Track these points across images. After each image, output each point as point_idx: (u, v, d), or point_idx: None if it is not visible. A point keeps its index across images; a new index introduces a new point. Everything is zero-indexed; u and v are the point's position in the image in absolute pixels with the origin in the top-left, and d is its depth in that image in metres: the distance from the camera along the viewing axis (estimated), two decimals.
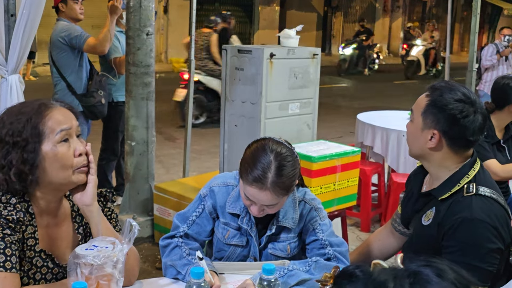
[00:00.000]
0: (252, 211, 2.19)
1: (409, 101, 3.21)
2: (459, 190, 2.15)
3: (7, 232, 1.76)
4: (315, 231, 2.31)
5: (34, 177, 1.80)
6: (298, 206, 2.31)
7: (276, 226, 2.28)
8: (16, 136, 1.78)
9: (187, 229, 2.33)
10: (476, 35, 5.17)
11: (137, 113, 4.75)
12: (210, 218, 2.35)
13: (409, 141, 2.29)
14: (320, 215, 2.34)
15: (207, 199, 2.34)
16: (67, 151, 1.83)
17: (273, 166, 2.08)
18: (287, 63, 4.36)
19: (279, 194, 2.10)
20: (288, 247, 2.32)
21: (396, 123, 5.49)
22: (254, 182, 2.09)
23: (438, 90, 2.18)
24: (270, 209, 2.17)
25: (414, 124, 2.22)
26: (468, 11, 30.25)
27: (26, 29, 2.96)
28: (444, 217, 2.12)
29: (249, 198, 2.14)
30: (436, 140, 2.15)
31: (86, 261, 1.73)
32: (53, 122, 1.82)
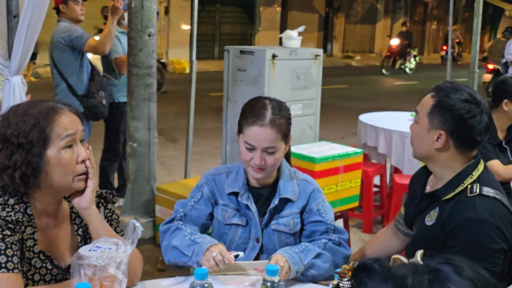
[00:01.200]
0: (254, 162, 2.27)
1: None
2: (463, 190, 2.15)
3: (6, 233, 1.75)
4: (320, 212, 2.38)
5: (37, 181, 1.80)
6: (299, 184, 2.41)
7: (279, 198, 2.35)
8: (22, 137, 1.78)
9: (188, 211, 2.42)
10: (478, 36, 5.17)
11: (138, 114, 4.74)
12: (208, 203, 2.43)
13: (414, 142, 2.28)
14: (323, 198, 2.43)
15: (204, 186, 2.45)
16: (70, 157, 1.83)
17: (269, 106, 2.27)
18: (289, 64, 4.36)
19: (277, 132, 2.25)
20: (291, 222, 2.37)
21: (399, 124, 5.49)
22: (254, 122, 2.24)
23: (443, 90, 2.17)
24: (270, 157, 2.27)
25: (420, 125, 2.21)
26: (470, 12, 30.24)
27: (29, 30, 2.95)
28: (447, 217, 2.12)
29: (250, 143, 2.25)
30: (443, 141, 2.15)
31: (90, 262, 1.73)
32: (60, 127, 1.82)
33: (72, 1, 4.98)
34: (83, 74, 5.06)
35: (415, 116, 2.26)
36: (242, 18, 22.86)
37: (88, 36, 4.92)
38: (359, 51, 27.44)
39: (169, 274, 4.28)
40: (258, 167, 2.28)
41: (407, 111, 6.67)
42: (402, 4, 28.74)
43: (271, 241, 2.38)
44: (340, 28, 26.44)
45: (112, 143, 5.61)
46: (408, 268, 1.10)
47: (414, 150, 2.30)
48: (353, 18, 27.23)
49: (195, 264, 2.23)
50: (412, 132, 2.28)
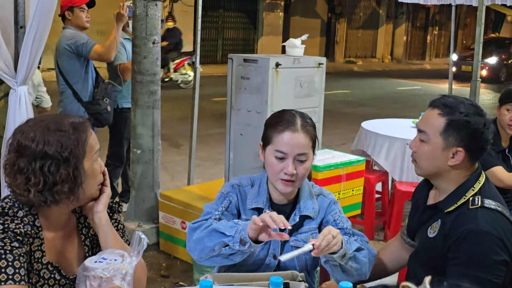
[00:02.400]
0: (285, 171, 2.22)
1: None
2: (465, 202, 2.17)
3: (15, 245, 1.77)
4: (336, 222, 2.35)
5: (77, 194, 1.85)
6: (317, 199, 2.39)
7: (299, 215, 2.33)
8: (67, 152, 1.80)
9: (221, 214, 2.32)
10: (480, 45, 5.16)
11: (143, 121, 4.76)
12: (236, 211, 2.37)
13: (422, 161, 2.25)
14: (339, 209, 2.41)
15: (231, 194, 2.38)
16: (98, 168, 1.92)
17: (297, 114, 2.29)
18: (293, 72, 4.37)
19: (309, 138, 2.25)
20: (310, 238, 2.31)
21: (400, 132, 5.50)
22: (286, 128, 2.24)
23: (450, 107, 2.17)
24: (301, 167, 2.24)
25: (431, 144, 2.19)
26: (471, 18, 30.26)
27: (35, 41, 2.97)
28: (450, 229, 2.13)
29: (282, 151, 2.23)
30: (461, 157, 2.16)
31: (96, 273, 1.74)
32: (92, 141, 1.89)
33: (78, 8, 5.01)
34: (88, 81, 5.08)
35: (421, 135, 2.23)
36: (245, 23, 22.89)
37: (94, 43, 4.94)
38: (361, 56, 27.45)
39: (173, 280, 4.30)
40: (289, 178, 2.24)
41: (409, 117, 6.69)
42: (404, 9, 28.75)
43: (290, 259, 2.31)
44: (342, 33, 26.45)
45: (115, 149, 5.63)
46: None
47: (420, 168, 2.27)
48: (355, 24, 27.25)
49: (237, 243, 2.11)
50: (419, 152, 2.24)
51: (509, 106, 3.75)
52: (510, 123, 3.74)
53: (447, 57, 25.68)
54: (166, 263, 4.59)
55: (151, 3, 4.59)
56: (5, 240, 1.76)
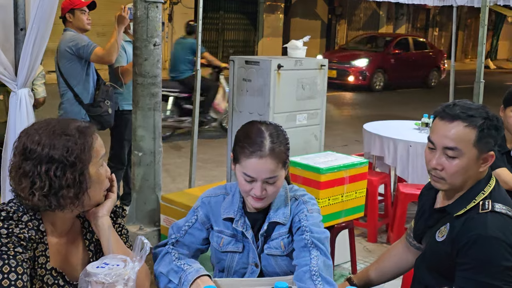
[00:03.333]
0: (254, 193, 2.18)
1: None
2: (475, 206, 2.14)
3: (18, 250, 1.75)
4: (300, 221, 2.27)
5: (82, 199, 1.83)
6: (290, 203, 2.32)
7: (268, 223, 2.28)
8: (73, 156, 1.79)
9: (180, 237, 2.36)
10: (484, 46, 5.14)
11: (144, 123, 4.74)
12: (203, 227, 2.36)
13: (454, 177, 2.15)
14: (308, 207, 2.30)
15: (199, 209, 2.38)
16: (104, 174, 1.91)
17: (266, 135, 2.16)
18: (295, 74, 4.36)
19: (278, 161, 2.15)
20: (281, 244, 2.29)
21: (404, 133, 5.50)
22: (253, 153, 2.13)
23: (471, 116, 2.11)
24: (271, 186, 2.18)
25: (465, 158, 2.12)
26: (472, 19, 30.27)
27: (35, 43, 2.95)
28: (458, 234, 2.11)
29: (250, 175, 2.15)
30: (491, 160, 2.15)
31: (98, 279, 1.71)
32: (98, 145, 1.88)
33: (79, 10, 4.99)
34: (89, 83, 5.06)
35: (450, 152, 2.13)
36: (245, 25, 22.88)
37: (95, 46, 4.92)
38: None
39: None
40: (258, 198, 2.20)
41: (411, 118, 6.68)
42: (405, 10, 28.74)
43: (270, 265, 2.31)
44: (343, 34, 26.44)
45: (117, 151, 5.61)
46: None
47: (450, 183, 2.18)
48: (355, 25, 27.23)
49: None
50: (450, 169, 2.14)
51: None
52: None
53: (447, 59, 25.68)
54: None
55: (152, 5, 4.57)
56: (9, 245, 1.74)
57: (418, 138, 5.39)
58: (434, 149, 2.18)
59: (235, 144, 2.24)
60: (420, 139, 5.31)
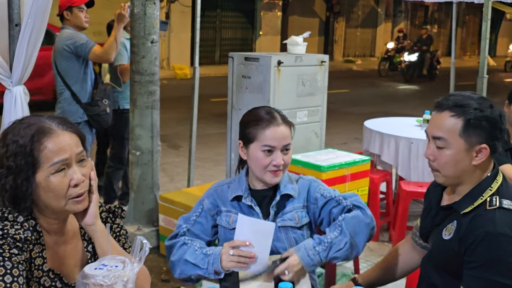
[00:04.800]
0: (275, 163, 2.33)
1: None
2: (482, 203, 2.09)
3: (14, 252, 1.70)
4: (324, 195, 2.44)
5: (28, 203, 1.75)
6: (296, 182, 2.48)
7: (280, 195, 2.41)
8: (11, 160, 1.72)
9: (190, 226, 2.47)
10: (487, 41, 5.10)
11: (141, 122, 4.69)
12: (209, 216, 2.48)
13: (445, 168, 2.14)
14: (320, 184, 2.50)
15: (205, 199, 2.50)
16: (60, 182, 1.75)
17: (272, 110, 2.42)
18: (295, 71, 4.31)
19: (290, 128, 2.40)
20: (296, 216, 2.42)
21: (405, 130, 5.45)
22: (270, 123, 2.34)
23: (461, 106, 2.09)
24: (286, 156, 2.37)
25: (453, 149, 2.10)
26: (470, 16, 30.26)
27: (31, 39, 2.89)
28: (466, 232, 2.06)
29: (270, 144, 2.33)
30: (486, 154, 2.09)
31: (96, 281, 1.66)
32: (50, 151, 1.74)
33: (77, 8, 4.93)
34: (87, 82, 5.01)
35: (438, 142, 2.13)
36: (243, 23, 22.85)
37: (93, 44, 4.86)
38: (360, 55, 27.44)
39: (173, 284, 4.23)
40: (277, 169, 2.35)
41: (410, 115, 6.64)
42: (403, 8, 28.73)
43: (279, 239, 2.39)
44: (341, 32, 26.43)
45: (117, 150, 5.57)
46: None
47: (444, 176, 2.16)
48: (353, 22, 27.23)
49: (212, 274, 2.28)
50: (441, 160, 2.13)
51: None
52: None
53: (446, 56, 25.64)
54: (167, 267, 4.51)
55: (149, 2, 4.52)
56: (4, 247, 1.69)
57: (419, 135, 5.34)
58: (429, 140, 2.19)
59: (245, 128, 2.40)
60: (422, 136, 5.25)
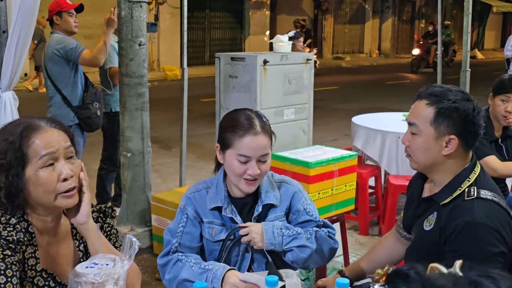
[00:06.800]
0: (249, 173, 2.24)
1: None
2: (461, 194, 2.14)
3: (7, 253, 1.74)
4: (307, 211, 2.40)
5: (20, 200, 1.79)
6: (280, 188, 2.42)
7: (262, 205, 2.35)
8: (2, 158, 1.76)
9: (178, 241, 2.39)
10: (468, 35, 5.17)
11: (132, 124, 4.73)
12: (196, 223, 2.40)
13: (416, 154, 2.22)
14: (306, 197, 2.45)
15: (187, 207, 2.41)
16: (49, 176, 1.78)
17: (254, 116, 2.28)
18: (281, 69, 4.36)
19: (268, 138, 2.27)
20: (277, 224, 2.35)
21: (391, 125, 5.50)
22: (247, 131, 2.23)
23: (437, 96, 2.15)
24: (263, 165, 2.27)
25: (423, 136, 2.17)
26: (457, 10, 30.36)
27: (18, 45, 2.92)
28: (445, 222, 2.11)
29: (245, 154, 2.23)
30: (454, 145, 2.14)
31: (87, 279, 1.70)
32: (37, 146, 1.78)
33: (66, 13, 4.96)
34: (77, 86, 5.04)
35: (412, 128, 2.21)
36: (232, 23, 22.86)
37: (83, 48, 4.89)
38: (348, 52, 27.49)
39: None
40: (252, 178, 2.27)
41: (399, 110, 6.68)
42: (390, 3, 28.80)
43: (261, 249, 2.36)
44: (329, 29, 26.47)
45: (109, 153, 5.59)
46: (447, 278, 1.08)
47: (416, 162, 2.24)
48: (341, 19, 27.28)
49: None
50: (413, 146, 2.22)
51: (503, 96, 3.72)
52: (504, 114, 3.71)
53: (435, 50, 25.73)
54: None
55: (136, 5, 4.56)
56: None
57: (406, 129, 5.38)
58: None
59: (222, 132, 2.30)
60: None
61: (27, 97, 11.68)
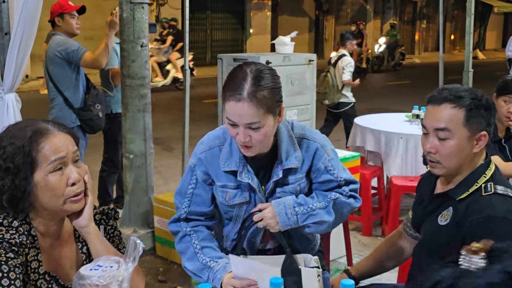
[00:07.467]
0: (238, 139, 2.09)
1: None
2: (477, 189, 2.16)
3: (10, 256, 1.73)
4: (328, 170, 2.28)
5: (26, 204, 1.78)
6: (300, 144, 2.25)
7: (282, 170, 2.21)
8: (9, 162, 1.75)
9: (188, 205, 2.32)
10: (471, 36, 5.17)
11: (134, 125, 4.72)
12: (206, 185, 2.31)
13: (447, 159, 2.19)
14: (329, 152, 2.30)
15: (196, 168, 2.30)
16: (58, 181, 1.78)
17: (249, 77, 2.03)
18: (283, 70, 4.35)
19: (258, 106, 2.01)
20: (298, 188, 2.27)
21: (394, 126, 5.49)
22: (231, 96, 2.02)
23: (459, 97, 2.16)
24: (255, 134, 2.06)
25: (456, 138, 2.16)
26: (459, 10, 30.37)
27: (21, 47, 2.92)
28: (463, 217, 2.12)
29: (230, 119, 2.05)
30: (485, 140, 2.17)
31: (91, 281, 1.70)
32: (47, 150, 1.77)
33: (68, 14, 4.95)
34: (79, 88, 5.03)
35: (440, 133, 2.18)
36: (233, 24, 22.87)
37: (85, 50, 4.89)
38: None
39: (170, 285, 4.26)
40: (244, 145, 2.10)
41: (401, 111, 6.68)
42: (391, 4, 28.80)
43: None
44: (331, 30, 26.47)
45: (110, 155, 5.59)
46: None
47: (446, 167, 2.21)
48: (343, 20, 27.28)
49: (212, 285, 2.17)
50: (443, 151, 2.18)
51: (506, 97, 3.72)
52: (507, 115, 3.71)
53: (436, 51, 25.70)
54: (163, 267, 4.55)
55: (138, 6, 4.56)
56: (0, 251, 1.72)
57: (409, 130, 5.39)
58: (427, 133, 2.22)
59: (223, 86, 2.13)
60: (411, 131, 5.32)
61: (29, 99, 11.69)
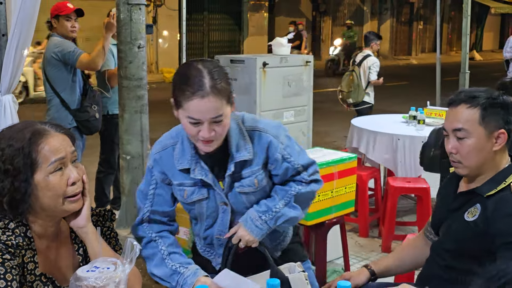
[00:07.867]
0: (202, 136, 2.09)
1: None
2: (506, 187, 2.21)
3: (6, 257, 1.73)
4: (285, 158, 2.29)
5: (26, 205, 1.78)
6: (252, 136, 2.26)
7: (234, 163, 2.22)
8: (8, 164, 1.76)
9: (150, 206, 2.34)
10: (467, 37, 5.19)
11: (131, 127, 4.72)
12: (165, 185, 2.33)
13: (468, 158, 2.25)
14: (283, 140, 2.30)
15: (153, 170, 2.32)
16: (59, 181, 1.80)
17: (205, 73, 2.04)
18: (280, 72, 4.36)
19: (221, 98, 2.04)
20: (255, 181, 2.28)
21: (391, 127, 5.50)
22: (194, 93, 2.02)
23: (473, 97, 2.22)
24: (218, 126, 2.08)
25: (474, 137, 2.22)
26: (456, 11, 30.43)
27: (18, 49, 2.92)
28: (493, 213, 2.17)
29: (194, 117, 2.05)
30: (504, 138, 2.22)
31: (88, 283, 1.70)
32: (47, 151, 1.78)
33: (64, 17, 4.95)
34: (75, 89, 5.03)
35: (458, 133, 2.24)
36: (230, 25, 22.88)
37: (81, 52, 4.89)
38: None
39: None
40: (207, 140, 2.10)
41: (397, 112, 6.69)
42: (388, 5, 28.84)
43: (239, 202, 2.31)
44: (328, 31, 26.50)
45: (107, 156, 5.59)
46: None
47: (467, 166, 2.27)
48: (340, 21, 27.30)
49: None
50: (463, 150, 2.25)
51: None
52: None
53: (433, 52, 25.75)
54: None
55: (135, 7, 4.55)
56: None
57: (405, 131, 5.40)
58: (448, 135, 2.30)
59: (174, 88, 2.12)
60: (408, 132, 5.33)
61: None
